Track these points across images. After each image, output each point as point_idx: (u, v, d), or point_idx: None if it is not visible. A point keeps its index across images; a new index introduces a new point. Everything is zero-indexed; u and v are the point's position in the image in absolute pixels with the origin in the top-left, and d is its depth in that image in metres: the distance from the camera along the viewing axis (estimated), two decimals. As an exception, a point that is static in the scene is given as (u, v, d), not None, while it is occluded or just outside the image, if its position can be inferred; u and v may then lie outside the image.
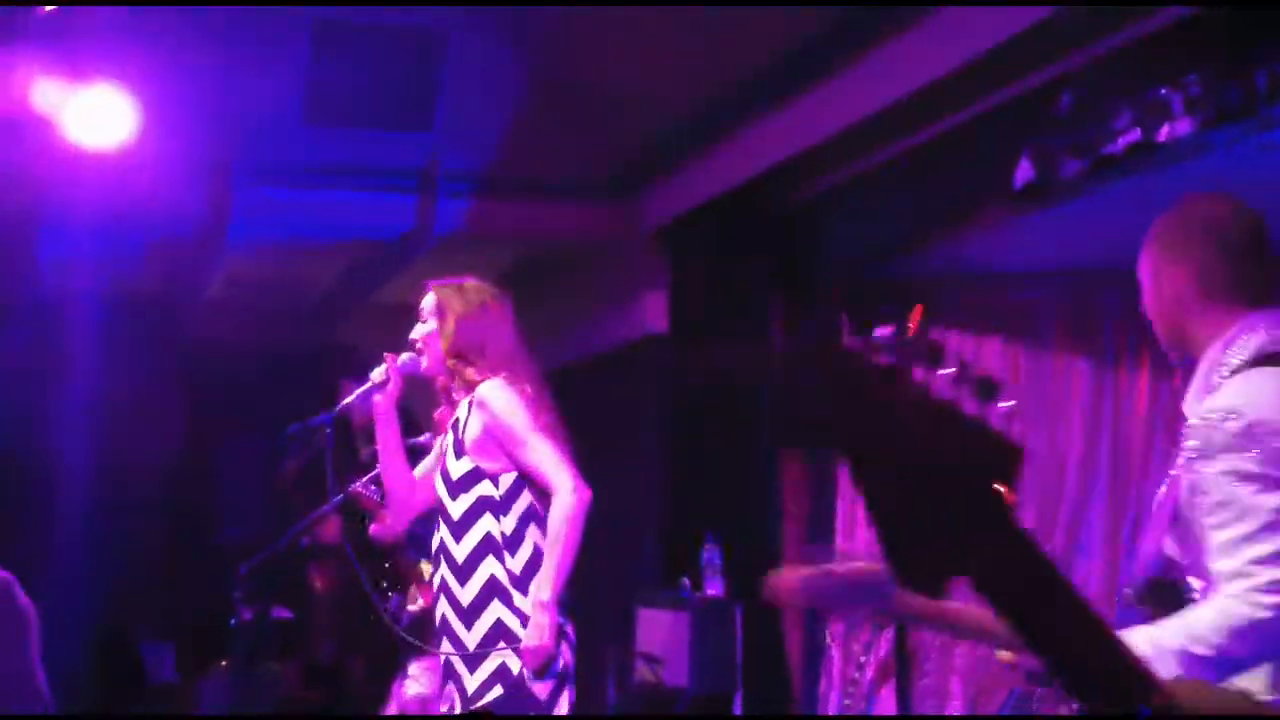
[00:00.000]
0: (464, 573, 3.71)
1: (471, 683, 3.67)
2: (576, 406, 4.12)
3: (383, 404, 3.97)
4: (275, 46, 6.31)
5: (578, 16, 6.06)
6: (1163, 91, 4.35)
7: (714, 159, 6.94)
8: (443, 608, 3.76)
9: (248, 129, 6.90)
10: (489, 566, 3.71)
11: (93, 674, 8.60)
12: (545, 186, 7.59)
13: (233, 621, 6.08)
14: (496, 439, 3.74)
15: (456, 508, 3.74)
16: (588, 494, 3.71)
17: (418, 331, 4.00)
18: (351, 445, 6.24)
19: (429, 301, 4.00)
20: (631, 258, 7.84)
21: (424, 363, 3.98)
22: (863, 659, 6.46)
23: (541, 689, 3.66)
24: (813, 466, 7.16)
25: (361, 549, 6.02)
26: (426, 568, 5.54)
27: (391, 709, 5.44)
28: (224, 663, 7.56)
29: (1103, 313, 6.77)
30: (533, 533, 3.75)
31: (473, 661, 3.68)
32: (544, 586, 3.67)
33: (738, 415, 6.95)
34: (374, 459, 5.55)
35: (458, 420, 3.83)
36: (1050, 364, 6.87)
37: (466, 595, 3.70)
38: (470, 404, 3.81)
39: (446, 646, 3.75)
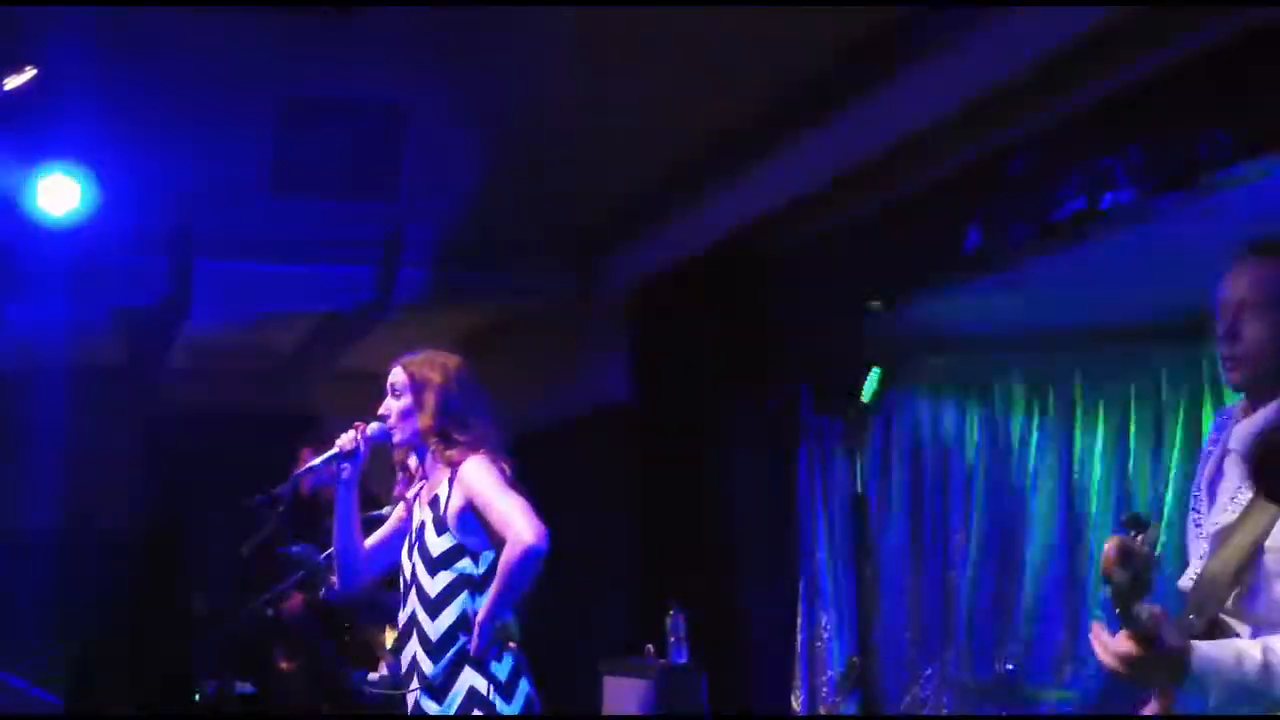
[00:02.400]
0: (438, 650, 3.73)
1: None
2: (539, 475, 4.13)
3: (349, 472, 3.96)
4: (241, 121, 6.36)
5: (540, 85, 6.14)
6: (1107, 160, 4.44)
7: (674, 227, 7.01)
8: (416, 681, 3.77)
9: (212, 200, 6.95)
10: (457, 648, 3.74)
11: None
12: (507, 254, 7.65)
13: (196, 695, 6.06)
14: (477, 512, 3.76)
15: (434, 585, 3.75)
16: (542, 540, 3.65)
17: (390, 407, 3.96)
18: (312, 515, 6.25)
19: (399, 376, 3.97)
20: (593, 325, 7.89)
21: (396, 436, 3.95)
22: (826, 723, 6.48)
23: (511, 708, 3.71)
24: (775, 533, 7.19)
25: (323, 622, 6.02)
26: (390, 635, 5.54)
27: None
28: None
29: (1060, 374, 6.85)
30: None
31: (440, 695, 3.72)
32: (479, 616, 3.72)
33: (703, 484, 6.99)
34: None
35: (437, 498, 3.83)
36: (1008, 424, 6.94)
37: (440, 670, 3.73)
38: (450, 481, 3.82)
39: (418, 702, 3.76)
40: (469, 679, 3.70)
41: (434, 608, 3.74)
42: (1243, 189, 4.32)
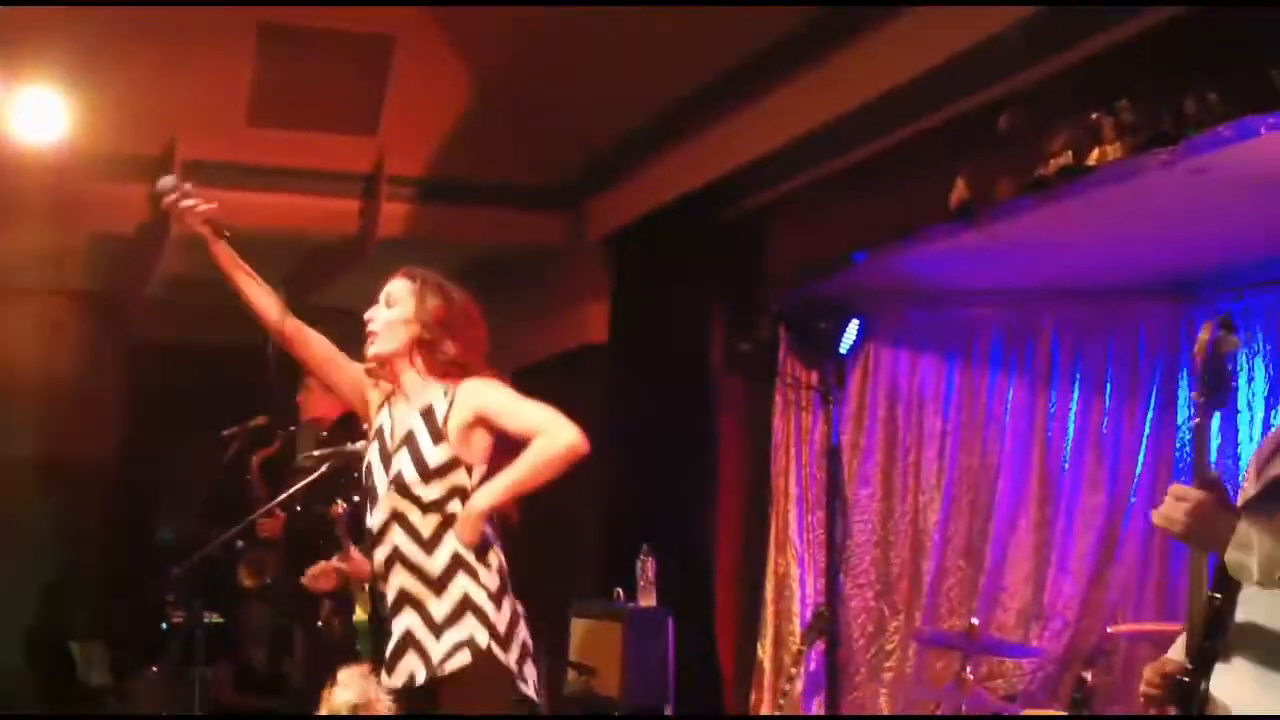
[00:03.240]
0: (429, 546, 3.68)
1: (437, 650, 3.65)
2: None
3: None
4: (220, 47, 6.30)
5: (528, 24, 6.09)
6: (1094, 115, 4.42)
7: (658, 169, 6.98)
8: (403, 580, 3.71)
9: (193, 128, 6.89)
10: (452, 543, 3.68)
11: (26, 673, 8.54)
12: (490, 193, 7.61)
13: (164, 624, 6.06)
14: (487, 425, 3.73)
15: (428, 492, 3.69)
16: (585, 445, 3.64)
17: (378, 316, 3.84)
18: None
19: (401, 285, 3.85)
20: (574, 266, 7.86)
21: (380, 347, 3.83)
22: (793, 671, 6.51)
23: (509, 658, 3.67)
24: (749, 480, 7.21)
25: (302, 545, 6.03)
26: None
27: (322, 713, 5.42)
28: (155, 667, 7.52)
29: (1038, 331, 6.85)
30: (487, 525, 3.77)
31: (439, 629, 3.67)
32: (489, 491, 3.67)
33: (678, 428, 6.99)
34: (313, 464, 5.58)
35: (432, 409, 3.76)
36: (985, 381, 6.95)
37: (434, 566, 3.67)
38: (448, 394, 3.78)
39: (409, 615, 3.73)
40: (462, 583, 3.67)
41: (426, 509, 3.69)
42: (1230, 148, 4.31)
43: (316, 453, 5.73)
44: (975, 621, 5.87)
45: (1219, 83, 4.08)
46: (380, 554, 3.78)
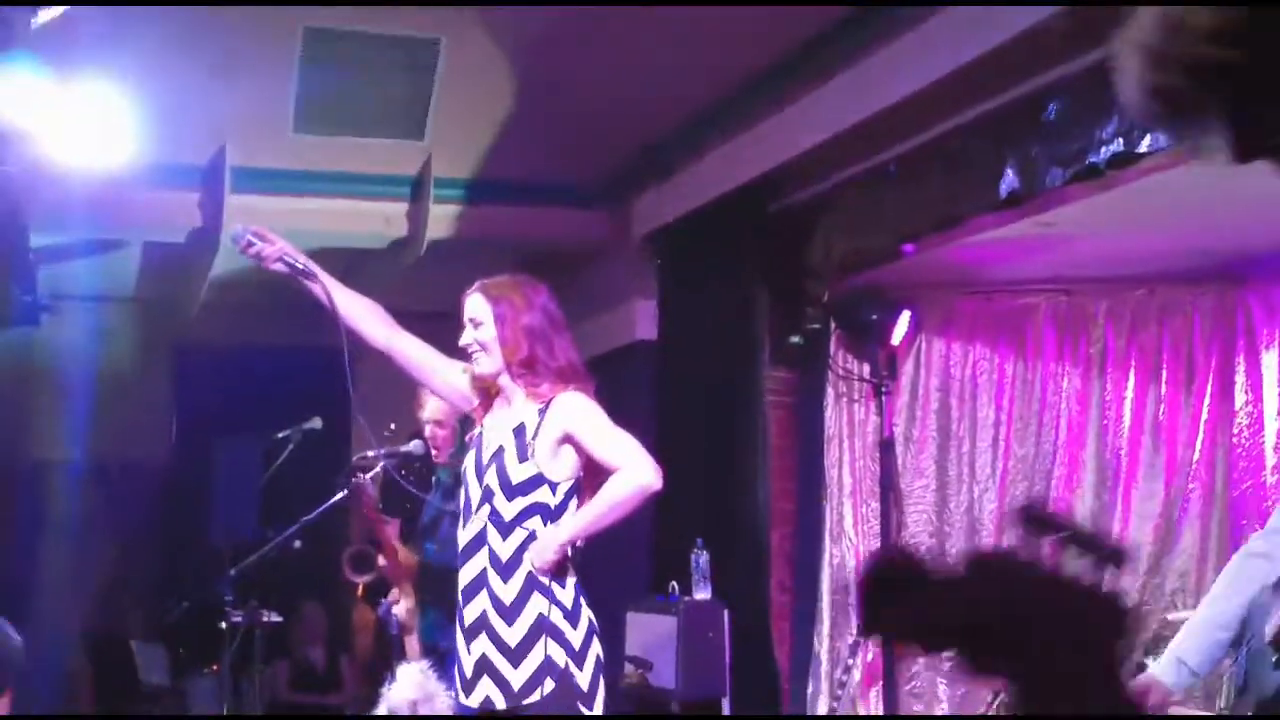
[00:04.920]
0: (507, 570, 3.73)
1: (517, 677, 3.69)
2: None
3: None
4: (266, 53, 6.34)
5: (571, 23, 6.09)
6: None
7: (703, 167, 6.97)
8: (481, 602, 3.74)
9: (242, 135, 6.94)
10: (528, 566, 3.72)
11: (86, 675, 8.63)
12: (537, 193, 7.62)
13: (223, 624, 6.11)
14: (574, 446, 3.76)
15: (510, 508, 3.74)
16: (659, 479, 3.74)
17: (470, 338, 3.82)
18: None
19: (479, 304, 3.82)
20: (622, 264, 7.87)
21: (481, 368, 3.84)
22: (850, 661, 6.50)
23: (584, 679, 3.72)
24: (801, 473, 7.19)
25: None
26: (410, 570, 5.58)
27: (380, 712, 5.46)
28: (214, 666, 7.59)
29: (1091, 320, 6.81)
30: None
31: (516, 656, 3.70)
32: (565, 527, 3.73)
33: (729, 423, 6.98)
34: (368, 463, 5.62)
35: (523, 426, 3.78)
36: (1038, 370, 6.91)
37: (509, 592, 3.71)
38: (542, 412, 3.78)
39: (484, 641, 3.74)
40: (538, 605, 3.70)
41: (506, 529, 3.74)
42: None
43: (371, 452, 5.77)
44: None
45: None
46: (465, 576, 3.81)
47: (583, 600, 3.79)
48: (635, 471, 3.72)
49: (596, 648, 3.79)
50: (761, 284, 7.02)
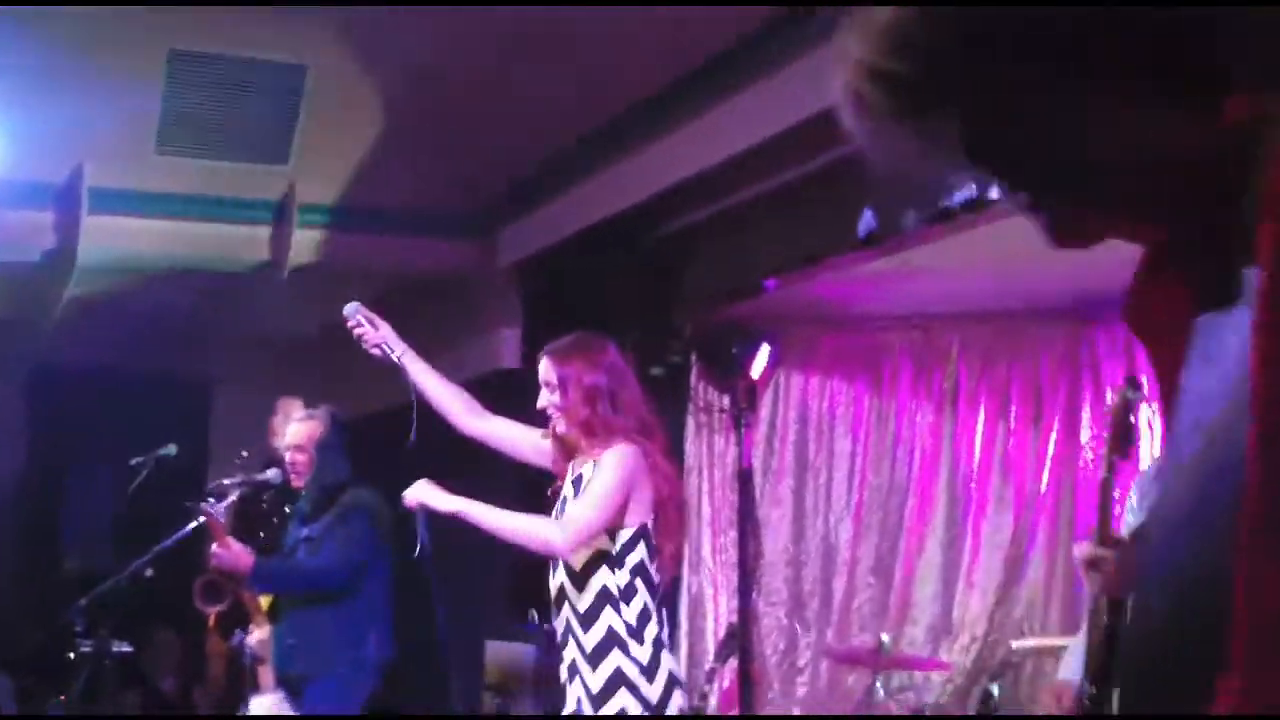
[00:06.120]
0: (586, 621, 3.87)
1: (595, 680, 3.82)
2: (427, 440, 4.15)
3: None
4: (130, 74, 6.25)
5: (442, 54, 6.11)
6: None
7: (570, 199, 7.03)
8: (571, 651, 3.89)
9: (100, 155, 6.83)
10: (607, 617, 3.86)
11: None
12: (404, 221, 7.61)
13: (72, 654, 5.99)
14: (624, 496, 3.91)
15: (577, 559, 3.90)
16: (563, 552, 3.86)
17: (546, 399, 4.04)
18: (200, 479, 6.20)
19: (548, 372, 4.05)
20: (488, 293, 7.88)
21: (560, 428, 4.03)
22: (706, 688, 6.57)
23: (653, 692, 3.81)
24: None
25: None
26: (265, 600, 5.56)
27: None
28: (63, 696, 7.41)
29: (944, 355, 6.99)
30: (642, 586, 3.91)
31: (595, 703, 3.82)
32: (466, 504, 3.91)
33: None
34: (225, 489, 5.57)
35: (580, 477, 3.96)
36: (893, 404, 7.08)
37: (590, 641, 3.85)
38: (596, 464, 3.94)
39: (578, 685, 3.87)
40: (615, 660, 3.83)
41: (578, 580, 3.89)
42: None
43: (226, 480, 5.71)
44: (885, 637, 5.99)
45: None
46: (559, 626, 3.96)
47: (663, 656, 3.90)
48: (556, 533, 3.84)
49: (669, 662, 3.90)
50: (625, 315, 7.09)
